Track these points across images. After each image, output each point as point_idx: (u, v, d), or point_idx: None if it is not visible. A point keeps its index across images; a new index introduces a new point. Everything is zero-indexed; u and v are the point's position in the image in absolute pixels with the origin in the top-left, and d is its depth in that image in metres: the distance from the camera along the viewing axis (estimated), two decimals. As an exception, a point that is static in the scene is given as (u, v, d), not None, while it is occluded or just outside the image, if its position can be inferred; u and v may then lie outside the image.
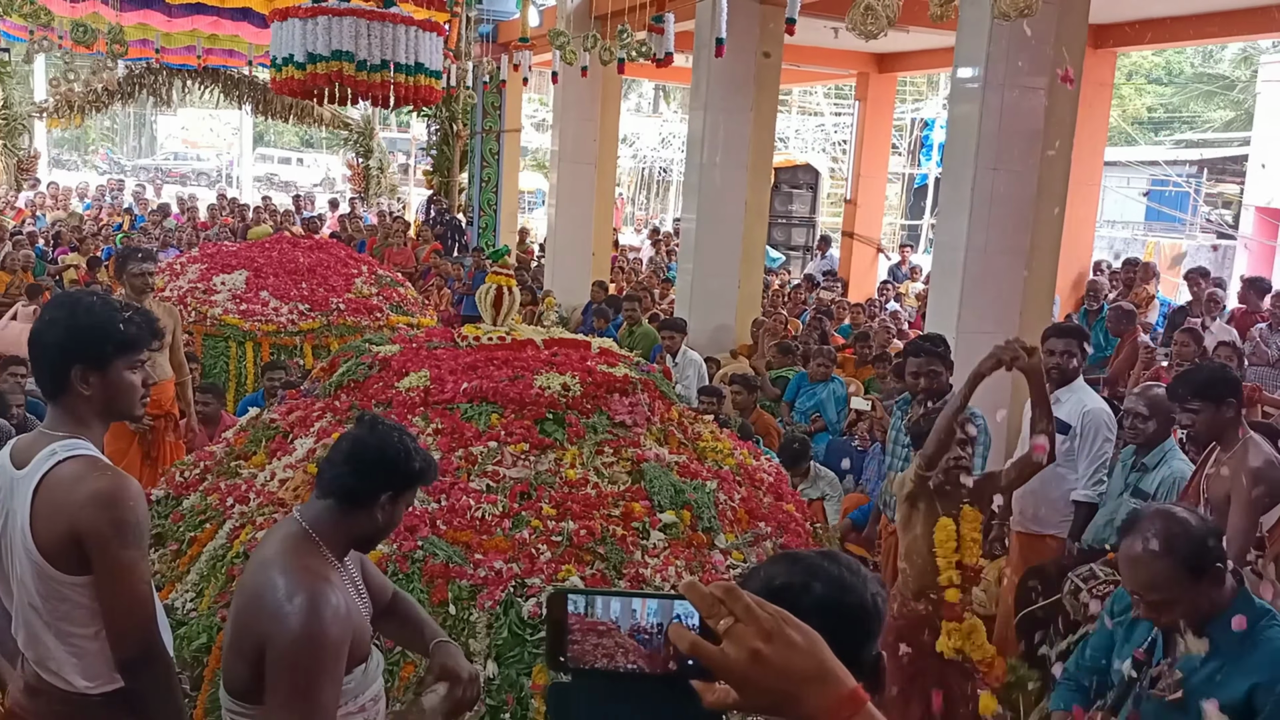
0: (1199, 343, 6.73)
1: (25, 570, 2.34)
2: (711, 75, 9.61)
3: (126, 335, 2.39)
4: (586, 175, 13.00)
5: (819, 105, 26.26)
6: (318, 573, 2.22)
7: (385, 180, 22.57)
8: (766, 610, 1.06)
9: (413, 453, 2.37)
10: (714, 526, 4.06)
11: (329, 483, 2.33)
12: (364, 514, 2.33)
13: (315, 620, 2.12)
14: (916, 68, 14.95)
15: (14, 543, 2.36)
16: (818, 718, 1.06)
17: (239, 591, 2.32)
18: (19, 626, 2.44)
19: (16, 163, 20.31)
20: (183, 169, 36.63)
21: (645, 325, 9.75)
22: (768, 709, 1.07)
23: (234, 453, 4.48)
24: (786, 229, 17.98)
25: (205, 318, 8.01)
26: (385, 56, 7.78)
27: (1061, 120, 6.73)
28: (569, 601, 1.10)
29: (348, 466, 2.32)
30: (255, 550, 2.39)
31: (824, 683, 1.06)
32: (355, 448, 2.34)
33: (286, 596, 2.14)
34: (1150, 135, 28.08)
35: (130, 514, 2.30)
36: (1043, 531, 4.85)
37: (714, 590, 1.06)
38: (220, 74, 18.72)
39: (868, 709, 1.07)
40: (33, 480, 2.33)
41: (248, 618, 2.21)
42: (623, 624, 1.09)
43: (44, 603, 2.34)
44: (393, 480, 2.34)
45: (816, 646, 1.07)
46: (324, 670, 2.13)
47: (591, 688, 1.11)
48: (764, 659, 1.04)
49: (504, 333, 4.73)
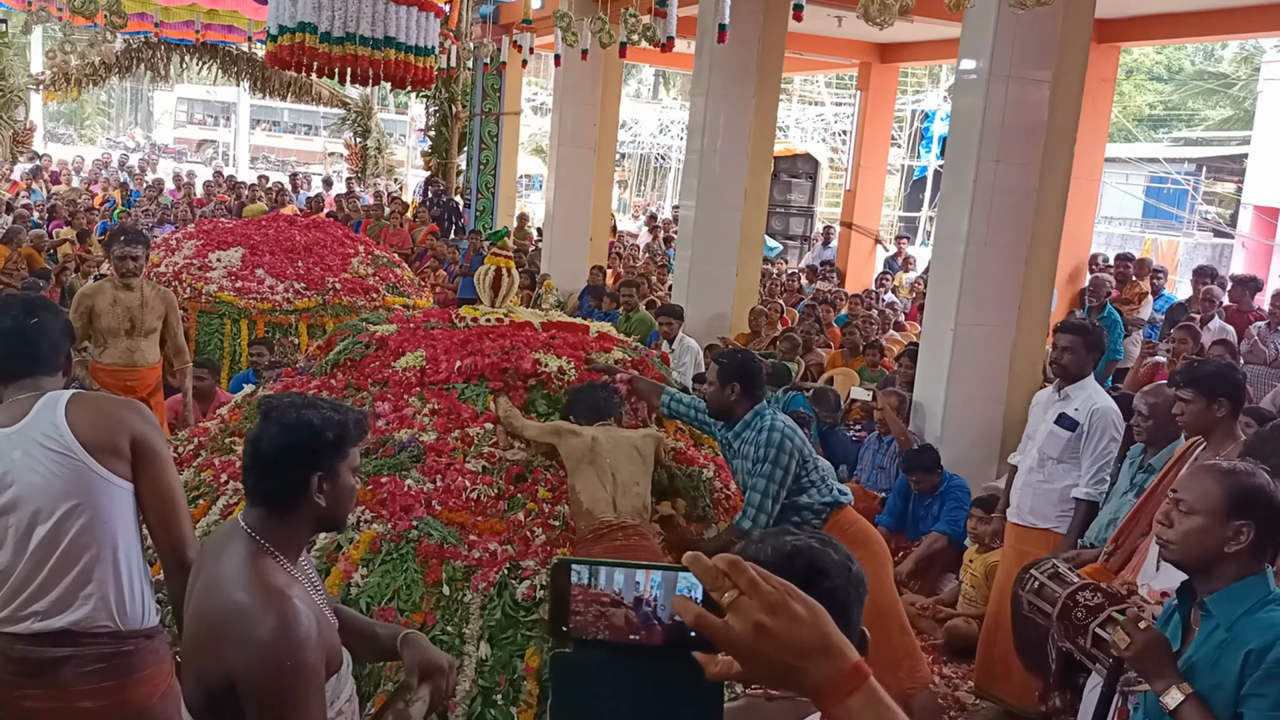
0: (1196, 340, 6.73)
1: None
2: (714, 62, 9.57)
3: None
4: (586, 159, 12.96)
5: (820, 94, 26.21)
6: (280, 589, 2.03)
7: (383, 160, 22.50)
8: (771, 583, 1.06)
9: (318, 424, 2.12)
10: (708, 516, 4.05)
11: (252, 492, 2.14)
12: (304, 507, 2.13)
13: (291, 647, 1.95)
14: (919, 59, 14.91)
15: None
16: (821, 690, 1.05)
17: (195, 615, 2.08)
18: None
19: (12, 135, 20.19)
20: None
21: (642, 311, 9.73)
22: (771, 681, 1.07)
23: (228, 429, 4.46)
24: (785, 218, 17.96)
25: (200, 294, 7.97)
26: (379, 33, 7.75)
27: (1065, 114, 6.72)
28: (572, 572, 1.09)
29: (260, 470, 2.12)
30: (202, 566, 2.16)
31: (828, 656, 1.05)
32: (258, 448, 2.12)
33: (255, 623, 1.96)
34: (1150, 133, 28.09)
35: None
36: (1038, 525, 4.85)
37: (718, 563, 1.05)
38: (219, 50, 18.62)
39: (870, 683, 1.06)
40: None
41: (210, 647, 2.02)
42: (626, 595, 1.08)
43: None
44: (313, 461, 2.11)
45: (820, 620, 1.06)
46: (307, 697, 1.98)
47: (594, 658, 1.10)
48: (768, 632, 1.03)
49: (502, 314, 4.71)
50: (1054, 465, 4.79)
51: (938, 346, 6.84)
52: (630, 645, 1.08)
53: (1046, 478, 4.81)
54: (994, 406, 6.86)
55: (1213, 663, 2.45)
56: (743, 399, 4.09)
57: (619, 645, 1.08)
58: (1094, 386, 4.81)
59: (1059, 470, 4.77)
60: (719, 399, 4.11)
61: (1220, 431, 3.91)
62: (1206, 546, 2.50)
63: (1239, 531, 2.46)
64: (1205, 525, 2.49)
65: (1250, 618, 2.42)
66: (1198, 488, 2.55)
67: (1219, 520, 2.48)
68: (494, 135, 16.32)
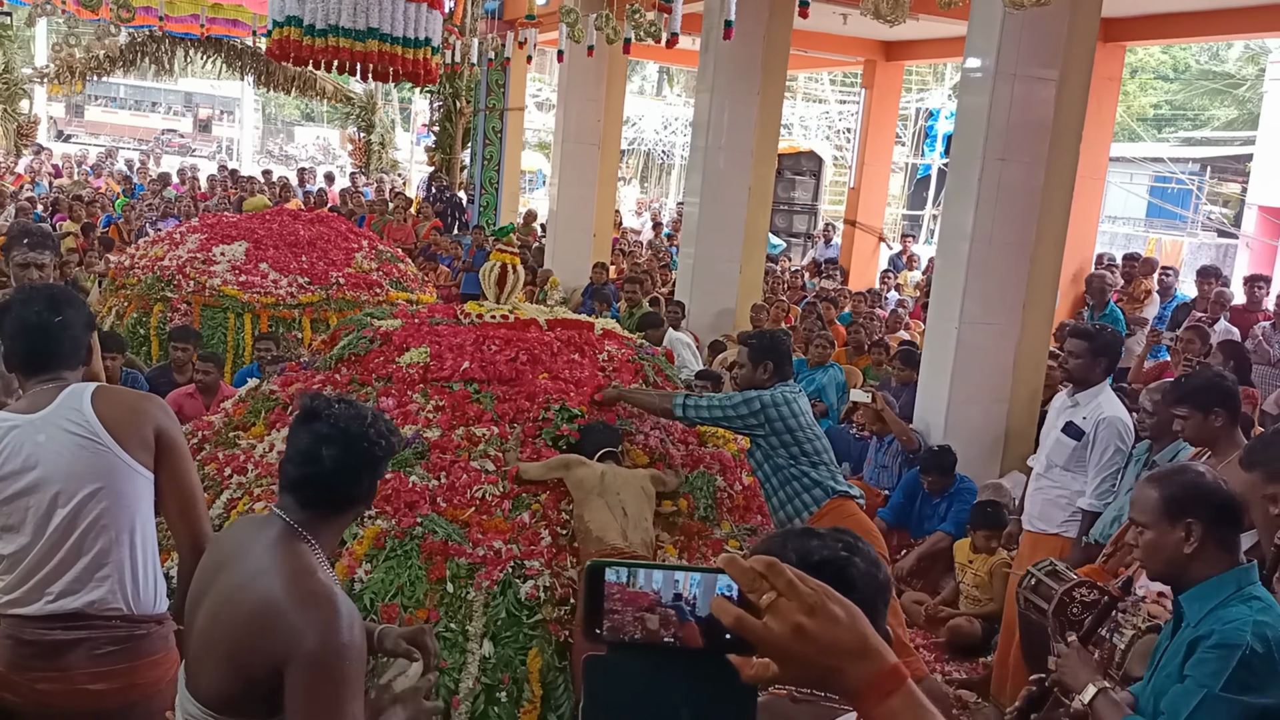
0: (1205, 340, 6.70)
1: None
2: (719, 58, 9.55)
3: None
4: (590, 156, 12.94)
5: (824, 92, 26.17)
6: (325, 580, 2.10)
7: (386, 155, 22.48)
8: (808, 584, 1.06)
9: (387, 433, 2.22)
10: (710, 516, 4.05)
11: (316, 498, 2.15)
12: (353, 512, 2.28)
13: (338, 632, 2.01)
14: (925, 56, 14.89)
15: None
16: (860, 692, 1.06)
17: (232, 604, 2.09)
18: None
19: (16, 128, 20.19)
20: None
21: (646, 308, 9.74)
22: (809, 683, 1.07)
23: (232, 423, 4.45)
24: (788, 216, 17.93)
25: (204, 288, 7.96)
26: (360, 24, 7.73)
27: (1070, 113, 6.70)
28: (609, 571, 1.09)
29: (339, 480, 2.15)
30: (227, 557, 2.17)
31: (866, 658, 1.05)
32: (345, 459, 2.13)
33: (304, 610, 2.00)
34: (1154, 132, 28.03)
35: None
36: (1049, 530, 4.83)
37: (754, 564, 1.05)
38: (223, 44, 18.59)
39: (909, 684, 1.06)
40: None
41: (255, 635, 2.03)
42: (665, 595, 1.08)
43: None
44: (381, 468, 2.25)
45: (858, 621, 1.06)
46: (353, 680, 2.02)
47: (626, 660, 1.10)
48: (807, 634, 1.03)
49: (507, 311, 4.70)
50: (1059, 472, 4.76)
51: (941, 345, 6.82)
52: (664, 647, 1.08)
53: (1053, 483, 4.79)
54: (997, 406, 6.85)
55: (1173, 656, 2.48)
56: (774, 378, 4.17)
57: (652, 647, 1.08)
58: (1106, 394, 4.75)
59: (1065, 478, 4.74)
60: (752, 380, 4.17)
61: (1222, 441, 3.91)
62: (1166, 554, 2.53)
63: (1189, 530, 2.49)
64: (1155, 535, 2.54)
65: (1214, 613, 2.44)
66: (1140, 501, 2.60)
67: (1164, 525, 2.52)
68: (498, 131, 16.29)
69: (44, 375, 2.66)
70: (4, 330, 2.70)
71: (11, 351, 2.71)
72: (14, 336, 2.68)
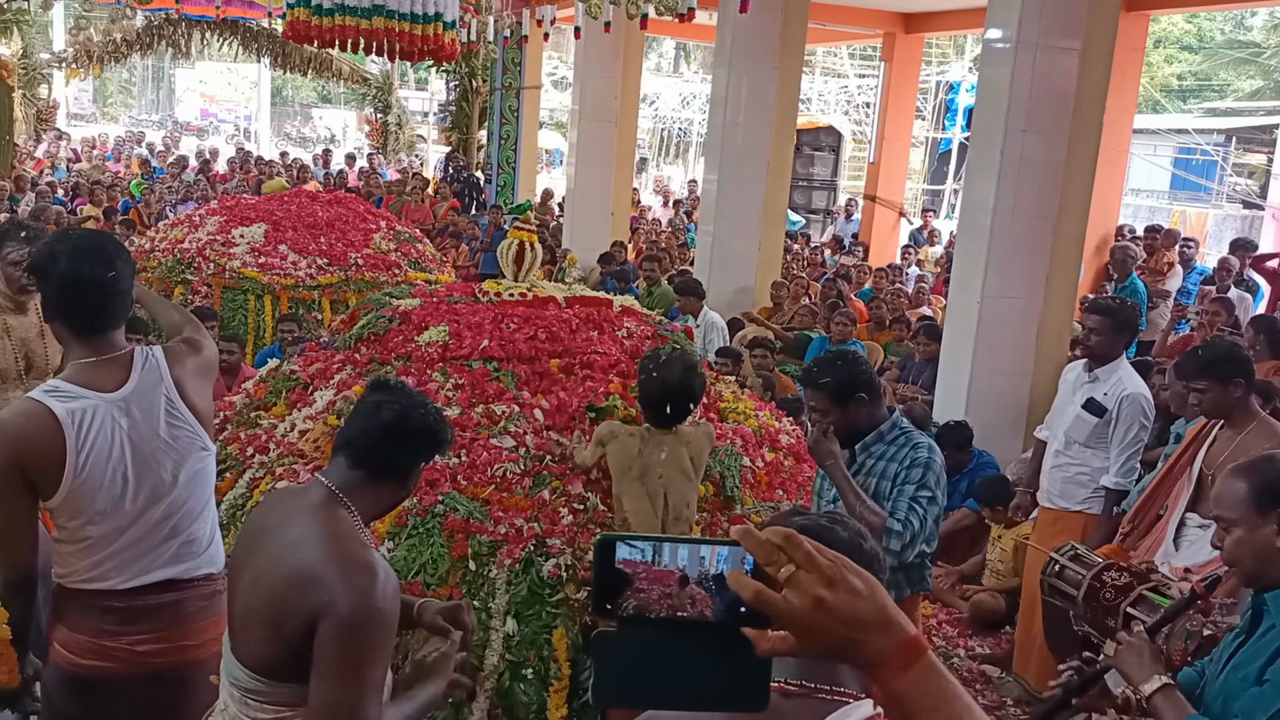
0: (1230, 312, 6.63)
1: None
2: (736, 32, 9.48)
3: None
4: (607, 134, 12.88)
5: (843, 66, 25.94)
6: (363, 543, 2.14)
7: (404, 136, 22.47)
8: (826, 556, 1.04)
9: (442, 421, 2.30)
10: (735, 496, 4.02)
11: (364, 454, 2.20)
12: (399, 484, 2.27)
13: (373, 597, 2.04)
14: (945, 28, 14.71)
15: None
16: (881, 663, 1.04)
17: (273, 569, 2.12)
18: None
19: (35, 112, 20.26)
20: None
21: (664, 286, 9.70)
22: (827, 655, 1.05)
23: (254, 403, 4.47)
24: (807, 192, 17.82)
25: (224, 270, 7.99)
26: (365, 2, 7.73)
27: (1093, 83, 6.61)
28: (631, 549, 1.07)
29: (389, 439, 2.21)
30: (275, 521, 2.21)
31: (886, 629, 1.04)
32: (398, 420, 2.21)
33: (343, 573, 2.04)
34: (1178, 103, 27.68)
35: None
36: (1070, 508, 4.77)
37: (771, 537, 1.03)
38: (239, 26, 18.59)
39: (929, 655, 1.05)
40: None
41: (292, 596, 2.06)
42: (691, 571, 1.06)
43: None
44: (430, 451, 2.29)
45: (877, 593, 1.05)
46: (379, 646, 2.05)
47: (640, 635, 1.08)
48: (827, 606, 1.02)
49: (525, 289, 4.68)
50: (1079, 449, 4.68)
51: (963, 320, 6.77)
52: (677, 622, 1.06)
53: (1073, 460, 4.71)
54: (1020, 380, 6.80)
55: (1253, 658, 2.33)
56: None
57: (665, 622, 1.06)
58: (1125, 369, 4.66)
59: (1086, 454, 4.66)
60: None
61: (1239, 412, 3.85)
62: (1257, 551, 2.38)
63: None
64: (1244, 530, 2.38)
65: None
66: (1226, 497, 2.44)
67: (1255, 520, 2.37)
68: (514, 110, 16.24)
69: (95, 337, 2.56)
70: (50, 282, 2.53)
71: (59, 306, 2.55)
72: (65, 289, 2.51)
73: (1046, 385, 6.80)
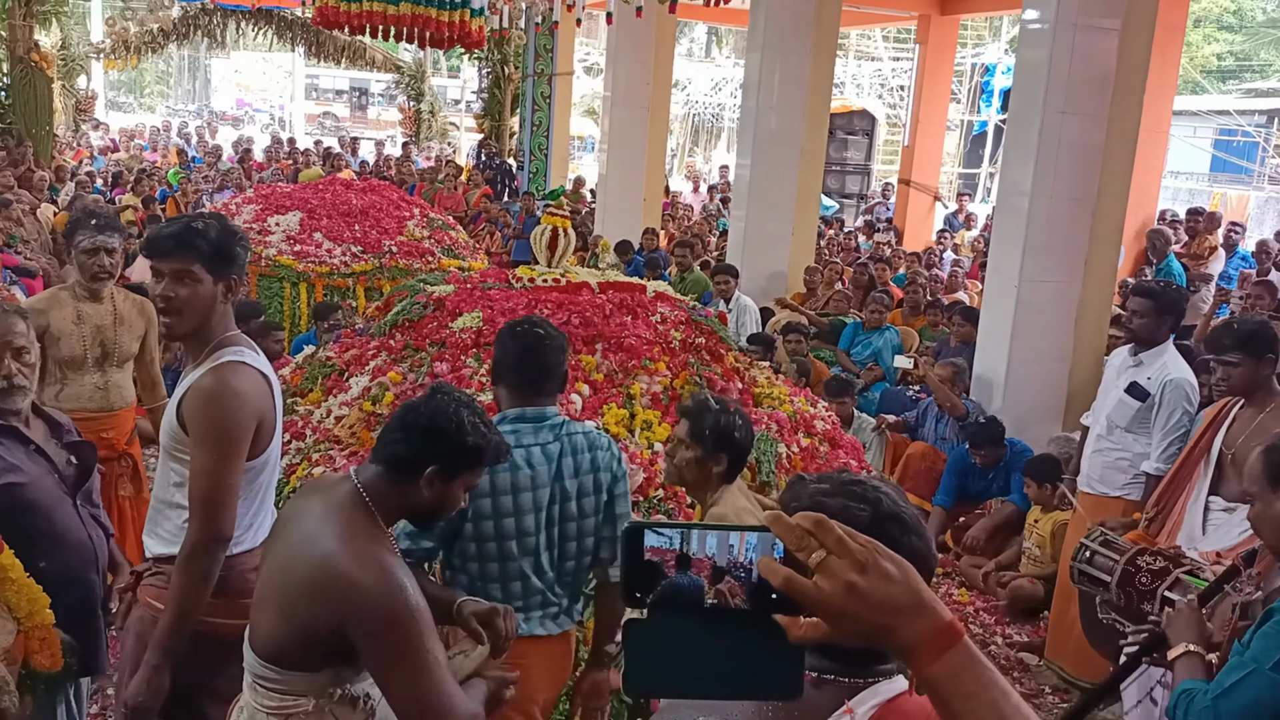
0: (1273, 295, 6.52)
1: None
2: (769, 15, 9.40)
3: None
4: (639, 120, 12.83)
5: (877, 49, 25.72)
6: (374, 539, 2.13)
7: (436, 124, 22.53)
8: (858, 541, 1.02)
9: (468, 427, 2.20)
10: (770, 481, 4.00)
11: (380, 447, 2.24)
12: (410, 485, 2.20)
13: (396, 590, 2.04)
14: (981, 9, 14.56)
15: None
16: (915, 649, 1.02)
17: (290, 561, 2.15)
18: None
19: (75, 103, 20.50)
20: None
21: (697, 271, 9.68)
22: (861, 641, 1.03)
23: (290, 390, 4.49)
24: (841, 176, 17.68)
25: (260, 258, 8.05)
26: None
27: (1133, 63, 6.50)
28: (646, 535, 1.06)
29: (399, 433, 2.22)
30: (299, 511, 2.23)
31: (921, 614, 1.02)
32: (407, 414, 2.23)
33: (362, 571, 2.04)
34: (1218, 84, 27.23)
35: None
36: (1110, 494, 4.71)
37: (801, 522, 1.01)
38: (273, 15, 18.71)
39: (965, 640, 1.02)
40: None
41: (312, 595, 2.07)
42: (720, 559, 1.04)
43: None
44: (439, 452, 2.19)
45: (911, 577, 1.02)
46: (417, 631, 2.04)
47: (670, 624, 1.07)
48: (860, 592, 1.00)
49: (559, 274, 4.68)
50: (1121, 434, 4.61)
51: (1000, 304, 6.70)
52: (707, 610, 1.05)
53: (1114, 445, 4.65)
54: (1059, 365, 6.72)
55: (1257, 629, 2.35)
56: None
57: (695, 610, 1.05)
58: (1171, 354, 4.58)
59: (1127, 439, 4.60)
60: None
61: (1262, 390, 3.82)
62: (1275, 524, 2.41)
63: None
64: (1262, 505, 2.43)
65: None
66: (1249, 471, 2.49)
67: (1268, 495, 2.41)
68: (546, 96, 16.22)
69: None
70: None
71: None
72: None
73: (1085, 370, 6.73)
